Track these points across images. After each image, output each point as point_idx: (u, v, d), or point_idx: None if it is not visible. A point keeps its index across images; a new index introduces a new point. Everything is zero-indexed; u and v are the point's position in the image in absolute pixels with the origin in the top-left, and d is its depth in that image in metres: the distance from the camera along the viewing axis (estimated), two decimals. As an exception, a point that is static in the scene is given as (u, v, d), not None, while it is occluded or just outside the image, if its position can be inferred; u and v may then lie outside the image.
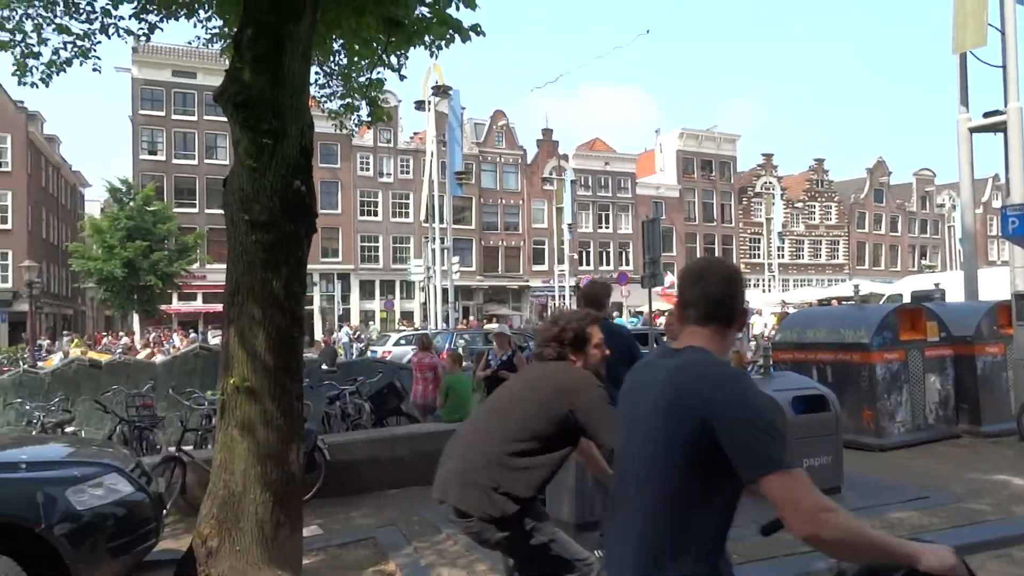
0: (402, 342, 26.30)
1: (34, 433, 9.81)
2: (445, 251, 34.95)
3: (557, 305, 46.29)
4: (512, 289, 55.63)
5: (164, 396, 11.21)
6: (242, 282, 5.06)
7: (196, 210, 46.57)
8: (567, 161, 55.30)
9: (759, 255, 64.38)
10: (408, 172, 52.29)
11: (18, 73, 6.40)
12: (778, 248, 61.30)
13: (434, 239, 35.34)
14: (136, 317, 42.21)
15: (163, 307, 41.30)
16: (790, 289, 54.82)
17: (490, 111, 56.79)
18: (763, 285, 59.39)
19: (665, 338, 6.60)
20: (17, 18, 6.21)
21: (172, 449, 7.74)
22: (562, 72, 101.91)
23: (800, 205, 67.10)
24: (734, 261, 60.97)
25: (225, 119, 5.19)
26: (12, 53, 6.30)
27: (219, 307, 42.62)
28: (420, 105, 35.56)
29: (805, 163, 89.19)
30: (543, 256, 55.87)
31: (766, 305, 38.49)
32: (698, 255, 61.63)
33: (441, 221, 34.72)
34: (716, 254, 62.27)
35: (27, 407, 10.76)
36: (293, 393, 5.20)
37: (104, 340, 37.97)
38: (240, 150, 5.05)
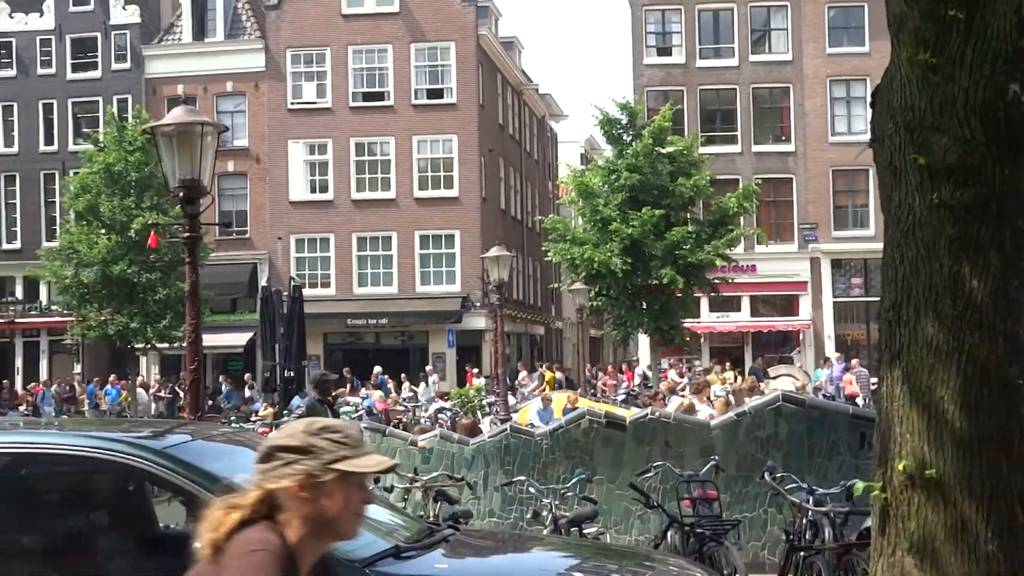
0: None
1: (546, 532, 7.51)
2: None
3: None
4: None
5: (735, 479, 8.50)
6: (913, 283, 3.25)
7: (737, 148, 31.29)
8: None
9: None
10: None
11: None
12: None
13: None
14: (644, 339, 29.54)
15: (687, 324, 27.59)
16: None
17: None
18: None
19: None
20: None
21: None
22: None
23: None
24: None
25: None
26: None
27: (780, 324, 31.57)
28: None
29: None
30: None
31: None
32: None
33: None
34: None
35: (530, 490, 8.20)
36: (1016, 492, 3.17)
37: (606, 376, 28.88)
38: (905, 35, 3.21)
